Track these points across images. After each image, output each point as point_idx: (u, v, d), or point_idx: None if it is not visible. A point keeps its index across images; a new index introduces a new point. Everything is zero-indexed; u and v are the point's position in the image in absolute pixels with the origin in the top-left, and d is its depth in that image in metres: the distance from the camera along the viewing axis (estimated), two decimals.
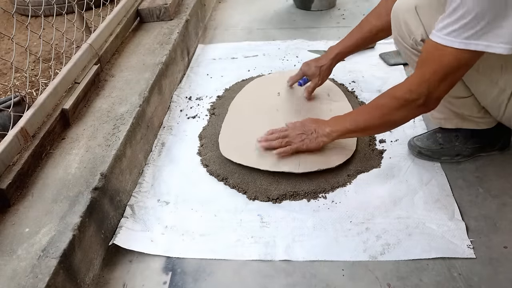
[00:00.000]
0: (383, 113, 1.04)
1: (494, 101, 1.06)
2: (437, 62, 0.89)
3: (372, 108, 1.09)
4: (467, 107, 1.15)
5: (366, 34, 1.33)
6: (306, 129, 1.22)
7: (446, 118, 1.22)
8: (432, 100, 0.95)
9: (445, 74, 0.90)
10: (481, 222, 1.07)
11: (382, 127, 1.12)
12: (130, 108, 1.30)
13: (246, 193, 1.20)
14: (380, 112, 1.05)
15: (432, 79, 0.92)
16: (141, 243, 1.08)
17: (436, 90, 0.93)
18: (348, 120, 1.14)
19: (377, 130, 1.17)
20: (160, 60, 1.55)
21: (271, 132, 1.26)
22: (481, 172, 1.22)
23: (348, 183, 1.21)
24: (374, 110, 1.07)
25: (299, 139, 1.21)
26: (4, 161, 1.01)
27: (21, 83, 1.78)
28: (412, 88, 0.96)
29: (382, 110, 1.04)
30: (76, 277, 0.93)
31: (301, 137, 1.21)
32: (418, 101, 0.95)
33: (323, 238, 1.06)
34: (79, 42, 1.48)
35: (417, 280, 0.96)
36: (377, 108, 1.06)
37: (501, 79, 1.01)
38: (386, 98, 1.04)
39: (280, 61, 1.84)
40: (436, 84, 0.92)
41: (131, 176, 1.23)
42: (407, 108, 0.98)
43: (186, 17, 1.88)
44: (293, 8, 2.38)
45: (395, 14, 1.11)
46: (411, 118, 1.04)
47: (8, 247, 0.90)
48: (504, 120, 1.11)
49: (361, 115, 1.12)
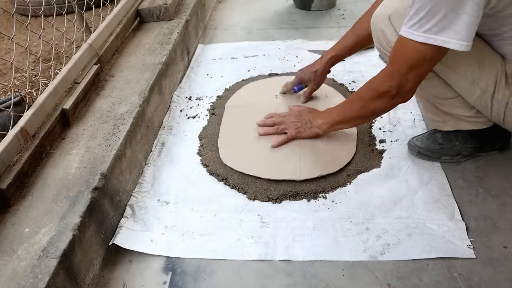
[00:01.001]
0: (362, 104, 1.10)
1: (479, 101, 1.08)
2: (403, 55, 0.94)
3: (353, 99, 1.15)
4: (457, 108, 1.16)
5: (359, 37, 1.35)
6: (301, 118, 1.29)
7: (442, 121, 1.23)
8: (404, 92, 0.99)
9: (410, 66, 0.94)
10: (481, 222, 1.07)
11: (364, 117, 1.15)
12: (130, 108, 1.30)
13: (246, 193, 1.20)
14: (360, 103, 1.11)
15: (400, 71, 0.96)
16: (141, 243, 1.08)
17: (406, 82, 0.97)
18: (336, 112, 1.21)
19: (360, 120, 1.19)
20: (160, 60, 1.55)
21: (270, 115, 1.34)
22: (481, 172, 1.22)
23: (348, 183, 1.21)
24: (355, 101, 1.14)
25: (294, 127, 1.28)
26: (4, 161, 1.02)
27: (21, 83, 1.78)
28: (384, 79, 1.01)
29: (361, 101, 1.10)
30: (76, 277, 0.93)
31: (296, 125, 1.28)
32: (390, 92, 1.00)
33: (323, 238, 1.06)
34: (79, 42, 1.48)
35: (417, 280, 0.96)
36: (358, 99, 1.12)
37: (481, 79, 1.03)
38: (364, 89, 1.09)
39: (280, 61, 1.84)
40: (404, 76, 0.96)
41: (131, 176, 1.23)
42: (382, 99, 1.03)
43: (186, 17, 1.88)
44: (293, 8, 2.38)
45: (373, 25, 1.15)
46: (388, 108, 1.07)
47: (8, 247, 0.90)
48: (494, 119, 1.12)
49: (346, 106, 1.18)
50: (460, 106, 1.15)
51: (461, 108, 1.15)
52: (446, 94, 1.14)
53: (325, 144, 1.29)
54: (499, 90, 1.02)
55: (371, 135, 1.37)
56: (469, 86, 1.05)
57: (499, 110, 1.06)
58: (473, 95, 1.07)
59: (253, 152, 1.28)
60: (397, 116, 1.45)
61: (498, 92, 1.02)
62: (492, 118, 1.11)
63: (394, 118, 1.44)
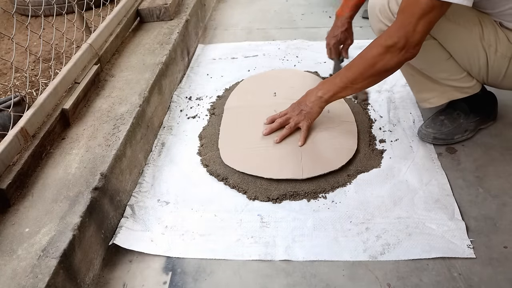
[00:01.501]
0: (368, 62, 1.10)
1: (477, 58, 1.13)
2: (412, 6, 0.98)
3: (358, 60, 1.13)
4: (448, 72, 1.20)
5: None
6: (300, 104, 1.29)
7: (434, 96, 1.28)
8: (411, 44, 1.02)
9: (420, 16, 0.98)
10: (481, 222, 1.07)
11: (370, 77, 1.13)
12: (130, 108, 1.30)
13: (246, 193, 1.20)
14: (366, 61, 1.11)
15: (410, 21, 0.99)
16: (141, 243, 1.08)
17: (413, 33, 1.00)
18: (338, 78, 1.19)
19: (367, 81, 1.16)
20: (160, 60, 1.55)
21: (271, 119, 1.34)
22: (481, 172, 1.22)
23: (348, 183, 1.21)
24: (360, 61, 1.13)
25: (297, 113, 1.29)
26: (4, 161, 1.02)
27: (21, 83, 1.78)
28: (391, 33, 1.03)
29: (367, 59, 1.10)
30: (76, 277, 0.93)
31: (299, 112, 1.28)
32: (398, 44, 1.02)
33: (323, 238, 1.06)
34: (79, 42, 1.48)
35: (417, 280, 0.96)
36: (362, 59, 1.12)
37: (485, 34, 1.09)
38: (370, 48, 1.10)
39: (280, 61, 1.84)
40: (413, 27, 0.99)
41: (131, 176, 1.23)
42: (389, 54, 1.05)
43: (186, 17, 1.88)
44: (292, 8, 2.38)
45: (372, 13, 1.20)
46: (395, 63, 1.07)
47: (8, 247, 0.90)
48: (490, 78, 1.17)
49: (349, 69, 1.16)
50: (452, 69, 1.19)
51: (452, 72, 1.20)
52: (439, 57, 1.18)
53: (326, 142, 1.29)
54: (501, 44, 1.08)
55: (371, 135, 1.37)
56: (472, 41, 1.11)
57: (502, 65, 1.11)
58: (473, 51, 1.12)
59: (254, 152, 1.28)
60: (397, 116, 1.45)
61: (501, 46, 1.08)
62: (489, 77, 1.16)
63: (394, 118, 1.44)
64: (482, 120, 1.34)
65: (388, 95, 1.55)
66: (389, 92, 1.57)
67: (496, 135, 1.34)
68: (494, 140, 1.32)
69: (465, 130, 1.31)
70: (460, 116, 1.31)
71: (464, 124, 1.31)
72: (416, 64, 1.25)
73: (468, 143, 1.32)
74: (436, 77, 1.24)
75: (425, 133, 1.32)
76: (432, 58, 1.20)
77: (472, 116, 1.31)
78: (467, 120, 1.31)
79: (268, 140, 1.30)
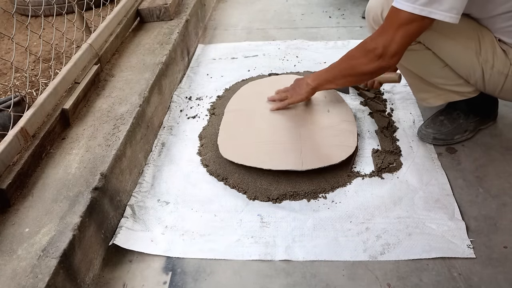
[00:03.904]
0: (350, 63, 1.15)
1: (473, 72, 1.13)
2: (393, 16, 1.01)
3: (343, 58, 1.18)
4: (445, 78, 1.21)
5: None
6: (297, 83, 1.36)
7: (433, 96, 1.27)
8: (389, 53, 1.03)
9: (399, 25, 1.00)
10: (481, 222, 1.07)
11: (348, 76, 1.18)
12: (130, 108, 1.30)
13: (246, 193, 1.20)
14: (348, 62, 1.16)
15: (389, 29, 1.02)
16: (141, 243, 1.08)
17: (391, 42, 1.01)
18: (325, 70, 1.25)
19: (346, 80, 1.21)
20: (160, 60, 1.55)
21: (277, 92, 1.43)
22: (481, 172, 1.22)
23: (348, 183, 1.21)
24: (344, 60, 1.18)
25: (291, 93, 1.37)
26: (4, 161, 1.02)
27: (21, 83, 1.78)
28: (373, 37, 1.07)
29: (350, 60, 1.15)
30: (76, 277, 0.93)
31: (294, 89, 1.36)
32: (376, 50, 1.04)
33: (323, 238, 1.06)
34: (79, 42, 1.48)
35: (417, 280, 0.96)
36: (347, 58, 1.17)
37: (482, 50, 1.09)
38: (354, 48, 1.13)
39: (280, 61, 1.84)
40: (391, 35, 1.01)
41: (131, 176, 1.23)
42: (367, 57, 1.08)
43: (186, 17, 1.88)
44: (292, 8, 2.38)
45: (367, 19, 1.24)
46: (373, 70, 1.09)
47: (8, 247, 0.90)
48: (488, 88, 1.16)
49: (336, 66, 1.21)
50: (448, 76, 1.20)
51: (449, 79, 1.20)
52: (435, 65, 1.19)
53: (326, 139, 1.29)
54: (498, 61, 1.08)
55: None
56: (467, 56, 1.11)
57: (498, 81, 1.11)
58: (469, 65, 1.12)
59: (254, 146, 1.27)
60: (397, 116, 1.45)
61: (498, 62, 1.08)
62: (486, 88, 1.16)
63: (394, 118, 1.44)
64: (482, 120, 1.34)
65: (388, 95, 1.55)
66: (389, 93, 1.57)
67: (496, 135, 1.34)
68: (494, 140, 1.32)
69: (465, 130, 1.31)
70: (460, 116, 1.31)
71: (464, 124, 1.31)
72: (412, 69, 1.25)
73: (468, 143, 1.32)
74: (433, 82, 1.24)
75: (425, 133, 1.32)
76: (427, 66, 1.20)
77: (472, 116, 1.31)
78: (467, 120, 1.31)
79: (268, 135, 1.30)
